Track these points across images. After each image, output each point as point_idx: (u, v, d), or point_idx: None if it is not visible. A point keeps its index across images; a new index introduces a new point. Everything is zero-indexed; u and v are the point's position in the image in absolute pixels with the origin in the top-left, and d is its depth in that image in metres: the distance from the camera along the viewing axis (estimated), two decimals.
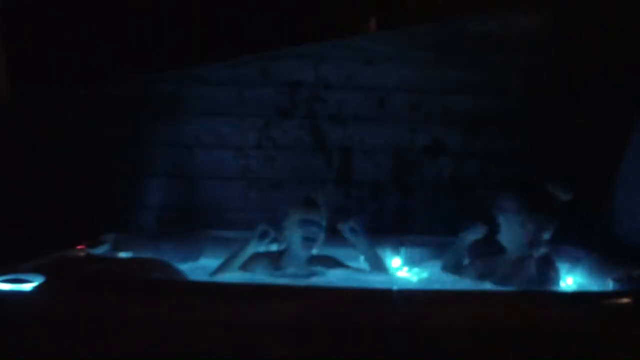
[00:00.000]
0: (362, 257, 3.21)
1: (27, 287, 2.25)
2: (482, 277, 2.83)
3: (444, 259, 3.08)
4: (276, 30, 4.70)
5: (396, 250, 3.47)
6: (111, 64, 4.43)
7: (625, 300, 2.31)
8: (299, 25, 4.79)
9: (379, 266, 3.11)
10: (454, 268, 3.00)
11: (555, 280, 2.68)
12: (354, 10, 5.27)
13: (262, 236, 2.97)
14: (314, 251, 3.04)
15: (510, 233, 2.69)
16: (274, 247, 3.03)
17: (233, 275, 2.93)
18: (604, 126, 3.69)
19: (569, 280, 2.88)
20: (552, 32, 4.01)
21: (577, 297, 2.51)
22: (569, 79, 3.94)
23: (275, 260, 3.04)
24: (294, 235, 2.99)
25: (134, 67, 4.22)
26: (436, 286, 2.92)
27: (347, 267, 3.12)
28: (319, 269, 3.03)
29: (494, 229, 2.77)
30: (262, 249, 3.00)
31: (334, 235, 3.08)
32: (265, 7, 4.86)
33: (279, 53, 4.06)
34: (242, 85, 4.03)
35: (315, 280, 2.93)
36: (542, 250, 2.67)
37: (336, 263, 3.10)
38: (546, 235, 2.67)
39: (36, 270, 2.40)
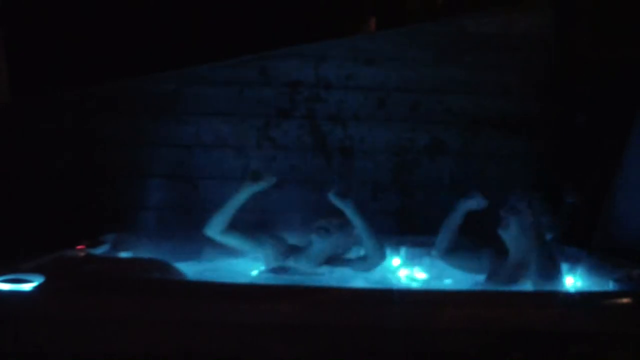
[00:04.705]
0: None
1: (27, 287, 2.25)
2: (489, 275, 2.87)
3: (438, 240, 3.02)
4: (276, 30, 4.70)
5: (396, 250, 3.47)
6: (111, 64, 4.42)
7: (625, 300, 2.31)
8: (299, 25, 4.79)
9: (371, 238, 3.01)
10: (447, 251, 2.99)
11: (557, 279, 2.69)
12: (354, 10, 5.26)
13: (255, 178, 3.01)
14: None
15: (519, 234, 2.77)
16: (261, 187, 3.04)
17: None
18: (604, 126, 3.69)
19: (569, 280, 2.89)
20: (552, 32, 4.01)
21: (577, 297, 2.51)
22: (569, 79, 3.94)
23: (289, 250, 3.08)
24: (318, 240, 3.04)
25: (134, 67, 4.21)
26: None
27: (349, 262, 3.12)
28: (325, 269, 3.05)
29: (498, 222, 2.83)
30: (258, 189, 3.04)
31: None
32: (265, 7, 4.86)
33: (279, 53, 4.06)
34: (242, 85, 4.02)
35: (315, 280, 2.94)
36: (545, 251, 2.72)
37: (341, 261, 3.11)
38: (549, 237, 2.79)
39: (36, 270, 2.40)
